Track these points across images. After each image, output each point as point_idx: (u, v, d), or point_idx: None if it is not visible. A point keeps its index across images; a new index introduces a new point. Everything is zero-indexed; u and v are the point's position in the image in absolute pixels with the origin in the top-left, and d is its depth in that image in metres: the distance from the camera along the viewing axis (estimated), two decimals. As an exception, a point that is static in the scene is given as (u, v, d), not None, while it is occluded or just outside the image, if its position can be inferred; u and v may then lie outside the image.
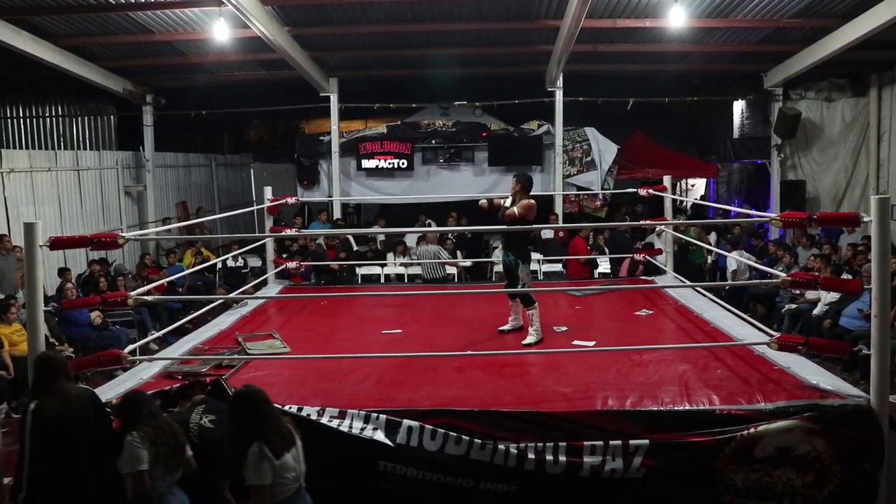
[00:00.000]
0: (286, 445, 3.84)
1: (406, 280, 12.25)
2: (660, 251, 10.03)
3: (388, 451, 4.55)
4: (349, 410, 4.69)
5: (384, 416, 4.64)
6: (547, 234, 13.11)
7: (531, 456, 4.51)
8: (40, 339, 4.93)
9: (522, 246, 6.85)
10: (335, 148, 14.12)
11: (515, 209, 6.66)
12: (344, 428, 4.60)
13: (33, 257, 4.86)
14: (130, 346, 6.22)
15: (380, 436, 4.57)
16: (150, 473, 3.83)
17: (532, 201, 6.70)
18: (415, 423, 4.59)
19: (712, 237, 12.77)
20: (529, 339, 6.51)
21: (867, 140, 14.07)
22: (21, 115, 15.04)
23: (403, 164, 14.14)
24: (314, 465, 4.56)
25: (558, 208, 13.70)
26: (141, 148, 14.79)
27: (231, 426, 3.98)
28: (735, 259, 11.00)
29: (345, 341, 6.98)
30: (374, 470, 4.56)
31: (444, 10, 11.25)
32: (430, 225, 13.91)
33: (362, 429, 4.61)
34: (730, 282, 11.26)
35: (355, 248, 12.88)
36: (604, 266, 11.87)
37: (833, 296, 9.12)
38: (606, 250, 11.96)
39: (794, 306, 9.82)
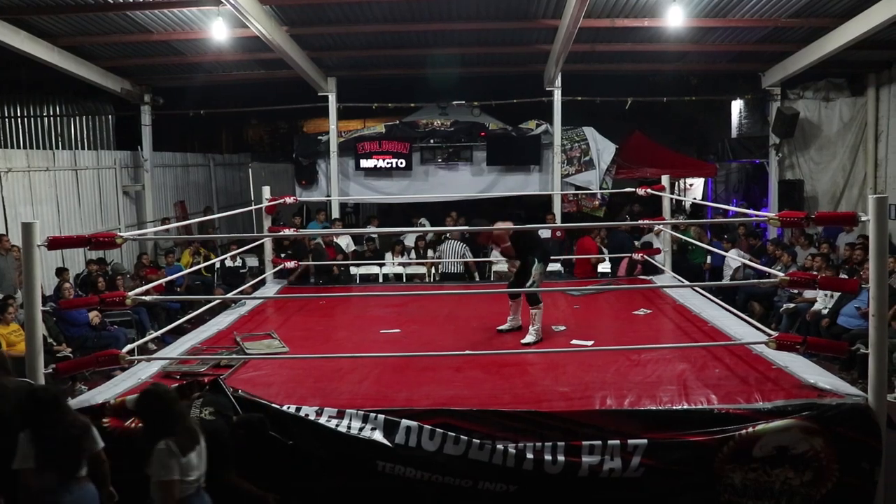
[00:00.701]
0: (192, 444, 3.88)
1: (404, 280, 12.25)
2: (658, 251, 10.03)
3: (387, 451, 4.54)
4: (348, 410, 4.68)
5: (382, 416, 4.64)
6: (544, 233, 13.10)
7: (529, 456, 4.51)
8: (38, 339, 4.93)
9: (536, 247, 6.88)
10: (333, 147, 14.12)
11: (501, 247, 6.94)
12: (342, 428, 4.60)
13: (31, 257, 4.85)
14: (129, 346, 6.25)
15: (378, 436, 4.57)
16: (37, 472, 3.87)
17: (495, 229, 6.87)
18: (413, 423, 4.58)
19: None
20: (529, 339, 6.51)
21: (865, 139, 14.08)
22: (19, 114, 15.04)
23: (402, 163, 14.13)
24: (313, 465, 4.59)
25: (556, 208, 13.71)
26: (139, 147, 14.78)
27: (142, 423, 4.04)
28: (734, 258, 10.99)
29: (343, 341, 6.98)
30: (372, 470, 4.56)
31: (442, 9, 11.26)
32: (424, 225, 13.94)
33: (361, 429, 4.60)
34: (729, 282, 11.26)
35: (352, 248, 12.86)
36: (604, 266, 11.86)
37: (829, 301, 9.14)
38: (605, 250, 11.96)
39: (792, 305, 9.83)
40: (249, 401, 4.69)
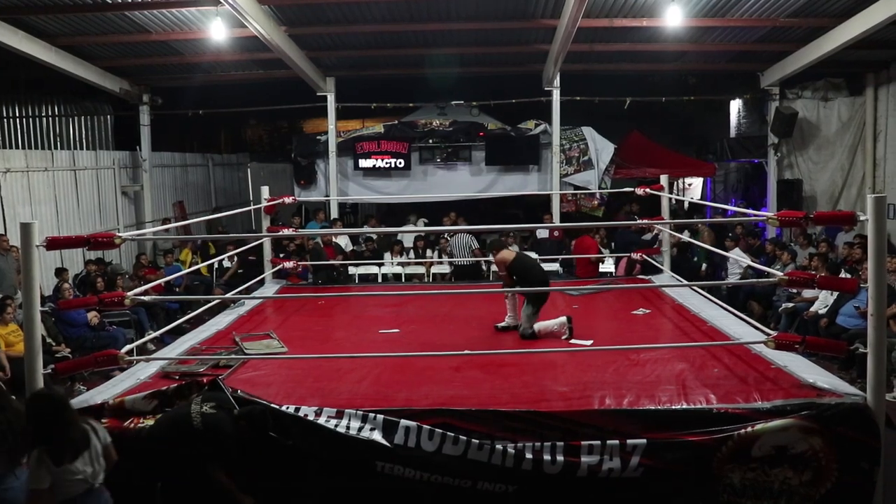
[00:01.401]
0: (75, 452, 3.90)
1: (403, 280, 12.25)
2: (658, 250, 10.04)
3: (386, 451, 4.54)
4: (346, 410, 4.68)
5: (381, 417, 4.64)
6: (542, 233, 13.13)
7: (529, 456, 4.51)
8: (37, 340, 4.92)
9: (532, 283, 6.94)
10: (332, 147, 14.11)
11: (500, 272, 7.20)
12: (341, 429, 4.60)
13: (30, 257, 4.85)
14: (128, 347, 6.24)
15: (377, 436, 4.57)
16: None
17: (499, 256, 7.04)
18: (412, 424, 4.58)
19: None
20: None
21: (863, 139, 14.09)
22: (17, 114, 15.01)
23: (400, 163, 14.12)
24: (312, 464, 4.59)
25: (555, 208, 13.70)
26: (138, 148, 14.76)
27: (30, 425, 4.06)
28: (741, 259, 10.98)
29: (342, 341, 6.98)
30: (371, 470, 4.56)
31: (441, 9, 11.25)
32: (425, 224, 13.94)
33: (360, 429, 4.61)
34: (725, 281, 11.28)
35: (350, 248, 12.84)
36: (608, 265, 11.85)
37: (829, 299, 9.15)
38: (606, 251, 11.96)
39: (791, 305, 9.84)
40: (248, 401, 4.69)
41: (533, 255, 9.63)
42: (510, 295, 7.06)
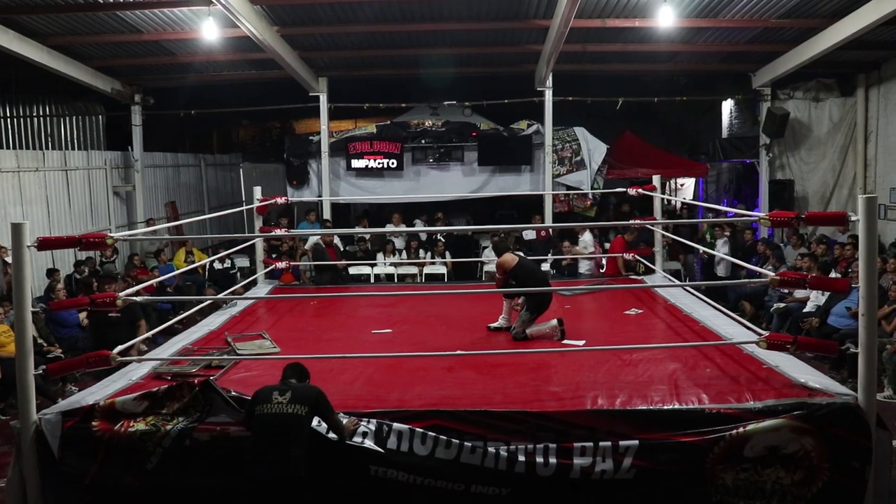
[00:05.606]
0: None
1: (396, 280, 12.24)
2: (649, 250, 10.06)
3: (379, 455, 4.54)
4: (339, 413, 4.67)
5: (374, 420, 4.64)
6: (529, 234, 13.16)
7: (521, 458, 4.52)
8: (28, 340, 4.90)
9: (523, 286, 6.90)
10: (325, 148, 14.08)
11: (497, 275, 7.16)
12: (333, 435, 4.59)
13: (21, 258, 4.82)
14: (119, 347, 6.19)
15: (369, 443, 4.57)
16: None
17: (501, 259, 6.97)
18: (405, 427, 4.58)
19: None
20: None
21: (854, 140, 14.14)
22: (8, 114, 14.95)
23: (393, 163, 14.09)
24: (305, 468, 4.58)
25: (547, 208, 13.71)
26: (129, 148, 14.70)
27: None
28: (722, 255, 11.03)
29: (335, 341, 6.97)
30: (365, 474, 4.55)
31: (433, 9, 11.24)
32: (424, 223, 13.98)
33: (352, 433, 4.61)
34: (724, 282, 11.30)
35: (341, 249, 12.83)
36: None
37: (820, 298, 9.20)
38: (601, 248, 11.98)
39: (782, 305, 9.87)
40: (242, 401, 4.68)
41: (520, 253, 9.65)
42: (509, 298, 7.05)
